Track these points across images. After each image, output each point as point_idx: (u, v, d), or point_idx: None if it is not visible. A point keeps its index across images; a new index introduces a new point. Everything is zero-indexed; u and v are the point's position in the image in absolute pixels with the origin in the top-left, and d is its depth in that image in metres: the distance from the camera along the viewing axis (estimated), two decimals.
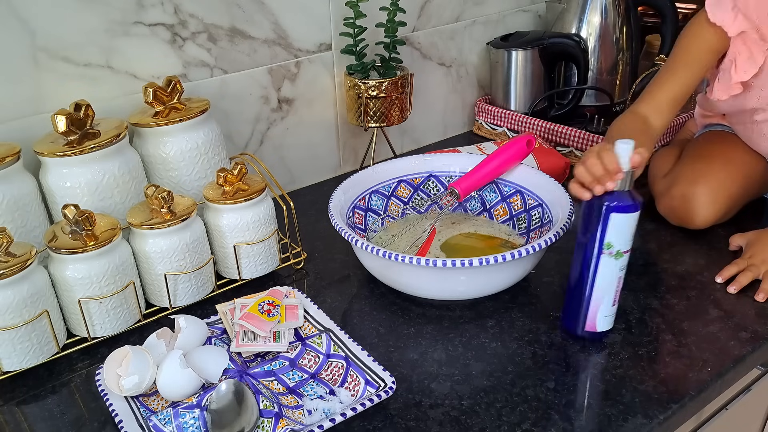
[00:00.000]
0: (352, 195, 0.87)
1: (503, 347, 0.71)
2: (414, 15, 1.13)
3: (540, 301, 0.78)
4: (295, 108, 1.05)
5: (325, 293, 0.82)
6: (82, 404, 0.66)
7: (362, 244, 0.73)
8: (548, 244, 0.73)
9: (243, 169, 0.80)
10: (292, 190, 1.09)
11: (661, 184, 0.93)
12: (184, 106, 0.83)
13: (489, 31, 1.27)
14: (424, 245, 0.84)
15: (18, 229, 0.73)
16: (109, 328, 0.74)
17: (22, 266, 0.66)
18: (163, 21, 0.87)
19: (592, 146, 0.71)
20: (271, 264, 0.84)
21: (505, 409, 0.63)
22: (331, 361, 0.67)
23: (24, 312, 0.67)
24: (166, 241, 0.75)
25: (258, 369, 0.66)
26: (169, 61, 0.89)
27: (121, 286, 0.73)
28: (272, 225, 0.83)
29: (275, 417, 0.59)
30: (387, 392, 0.62)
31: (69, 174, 0.74)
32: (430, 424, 0.61)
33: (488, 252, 0.82)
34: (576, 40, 1.17)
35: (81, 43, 0.81)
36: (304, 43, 1.01)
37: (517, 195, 0.89)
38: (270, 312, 0.71)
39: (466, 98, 1.30)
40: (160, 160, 0.82)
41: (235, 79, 0.96)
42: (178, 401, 0.62)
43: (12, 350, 0.68)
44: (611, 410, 0.62)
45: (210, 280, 0.81)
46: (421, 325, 0.75)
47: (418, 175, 0.94)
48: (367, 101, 1.02)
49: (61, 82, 0.81)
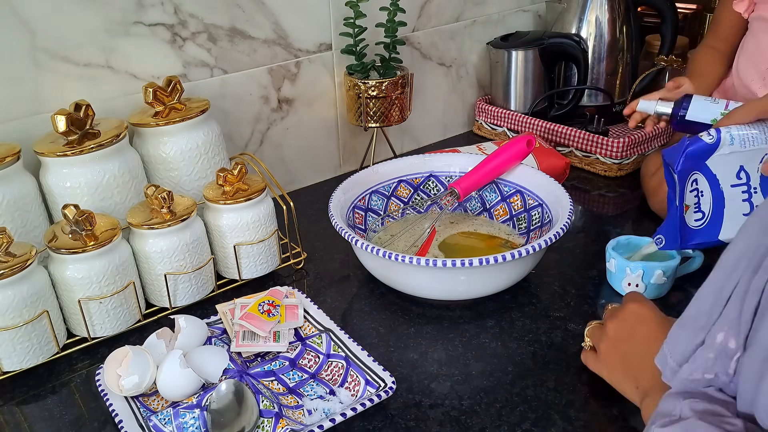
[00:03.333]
0: (352, 195, 0.87)
1: (503, 347, 0.71)
2: (414, 15, 1.13)
3: (540, 301, 0.78)
4: (295, 108, 1.05)
5: (325, 293, 0.82)
6: (82, 404, 0.66)
7: (362, 244, 0.73)
8: (548, 244, 0.73)
9: (243, 169, 0.80)
10: (292, 190, 1.09)
11: (652, 181, 0.94)
12: (184, 106, 0.83)
13: (489, 31, 1.27)
14: (424, 245, 0.84)
15: (18, 229, 0.73)
16: (109, 328, 0.74)
17: (22, 266, 0.66)
18: (163, 21, 0.87)
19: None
20: (271, 264, 0.84)
21: (505, 409, 0.63)
22: (331, 361, 0.67)
23: (24, 312, 0.67)
24: (166, 241, 0.75)
25: (258, 369, 0.66)
26: (169, 61, 0.89)
27: (121, 286, 0.73)
28: (272, 225, 0.83)
29: (275, 417, 0.59)
30: (387, 392, 0.62)
31: (69, 174, 0.74)
32: (430, 424, 0.61)
33: (488, 252, 0.82)
34: (576, 40, 1.17)
35: (81, 43, 0.81)
36: (304, 43, 1.01)
37: (517, 195, 0.89)
38: (270, 312, 0.71)
39: (466, 98, 1.30)
40: (160, 160, 0.82)
41: (235, 79, 0.96)
42: (178, 401, 0.62)
43: (12, 350, 0.68)
44: (611, 410, 0.62)
45: (210, 280, 0.81)
46: (421, 325, 0.75)
47: (418, 175, 0.94)
48: (367, 101, 1.02)
49: (61, 82, 0.81)
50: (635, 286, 0.76)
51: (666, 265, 0.75)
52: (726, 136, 0.70)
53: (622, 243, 0.81)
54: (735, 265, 0.41)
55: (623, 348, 0.59)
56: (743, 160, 0.71)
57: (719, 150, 0.70)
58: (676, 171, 0.71)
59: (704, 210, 0.73)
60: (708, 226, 0.73)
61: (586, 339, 0.65)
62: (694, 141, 0.71)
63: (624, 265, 0.76)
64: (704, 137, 0.70)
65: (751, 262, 0.40)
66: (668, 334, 0.45)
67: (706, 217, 0.73)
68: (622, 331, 0.60)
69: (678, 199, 0.72)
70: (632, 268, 0.75)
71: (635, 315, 0.60)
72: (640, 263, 0.75)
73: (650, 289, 0.76)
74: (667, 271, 0.75)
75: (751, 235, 0.41)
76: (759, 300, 0.39)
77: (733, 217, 0.73)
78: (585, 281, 0.81)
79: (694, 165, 0.71)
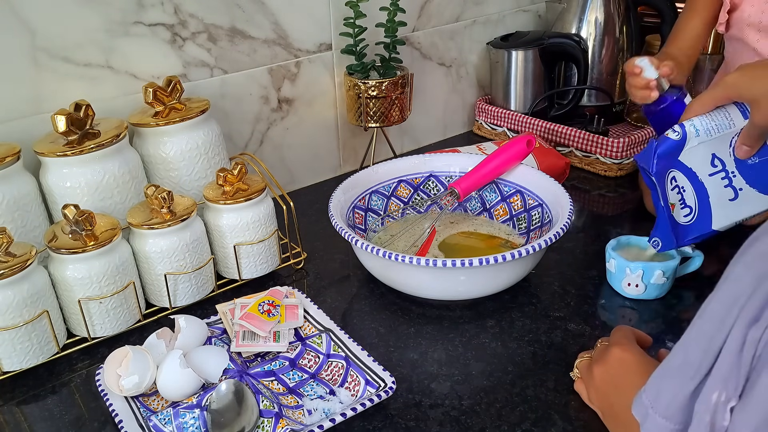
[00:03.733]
0: (352, 195, 0.87)
1: (503, 347, 0.71)
2: (414, 15, 1.13)
3: (540, 301, 0.78)
4: (295, 108, 1.05)
5: (325, 293, 0.82)
6: (82, 404, 0.66)
7: (362, 244, 0.73)
8: (548, 244, 0.73)
9: (243, 169, 0.80)
10: (292, 190, 1.09)
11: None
12: (184, 106, 0.83)
13: (489, 31, 1.27)
14: (424, 245, 0.84)
15: (18, 229, 0.73)
16: (109, 328, 0.74)
17: (22, 266, 0.66)
18: (163, 21, 0.87)
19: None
20: (271, 264, 0.84)
21: (505, 409, 0.63)
22: (331, 361, 0.67)
23: (24, 312, 0.67)
24: (166, 241, 0.75)
25: (258, 369, 0.66)
26: (169, 61, 0.89)
27: (121, 286, 0.73)
28: (272, 225, 0.83)
29: (275, 417, 0.59)
30: (387, 392, 0.62)
31: (69, 174, 0.74)
32: (430, 424, 0.61)
33: (488, 252, 0.82)
34: (576, 40, 1.17)
35: (81, 43, 0.81)
36: (304, 43, 1.01)
37: (517, 195, 0.89)
38: (270, 312, 0.71)
39: (466, 98, 1.30)
40: (160, 160, 0.82)
41: (235, 79, 0.96)
42: (178, 401, 0.62)
43: (12, 350, 0.68)
44: None
45: (210, 280, 0.81)
46: (421, 325, 0.75)
47: (418, 175, 0.94)
48: (367, 101, 1.02)
49: (61, 82, 0.81)
50: (635, 287, 0.76)
51: (666, 265, 0.75)
52: (691, 130, 0.71)
53: (622, 243, 0.81)
54: (725, 315, 0.38)
55: (611, 398, 0.58)
56: (713, 148, 0.72)
57: (688, 144, 0.71)
58: (652, 173, 0.72)
59: (690, 204, 0.73)
60: (698, 219, 0.74)
61: (575, 370, 0.64)
62: (662, 141, 0.72)
63: (624, 266, 0.76)
64: (670, 135, 0.71)
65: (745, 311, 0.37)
66: (648, 383, 0.43)
67: (694, 211, 0.73)
68: (607, 380, 0.59)
69: (662, 200, 0.73)
70: (632, 269, 0.75)
71: (619, 362, 0.58)
72: (640, 263, 0.75)
73: (650, 289, 0.76)
74: (666, 272, 0.75)
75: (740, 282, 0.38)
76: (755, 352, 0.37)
77: (720, 205, 0.73)
78: (585, 281, 0.81)
79: (668, 164, 0.72)
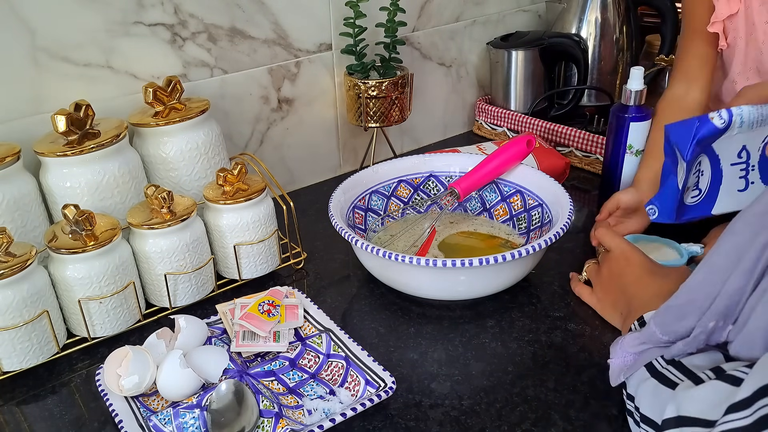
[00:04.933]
0: (352, 195, 0.87)
1: (503, 347, 0.71)
2: (414, 15, 1.13)
3: (540, 301, 0.78)
4: (295, 108, 1.05)
5: (325, 293, 0.82)
6: (82, 404, 0.66)
7: (362, 244, 0.73)
8: (548, 244, 0.73)
9: (243, 169, 0.80)
10: (292, 190, 1.09)
11: None
12: (184, 106, 0.83)
13: (489, 31, 1.27)
14: (424, 245, 0.84)
15: (18, 229, 0.73)
16: (109, 328, 0.74)
17: (22, 266, 0.66)
18: (163, 21, 0.87)
19: None
20: (271, 264, 0.84)
21: (505, 409, 0.63)
22: (331, 361, 0.67)
23: (24, 312, 0.67)
24: (166, 241, 0.75)
25: (258, 369, 0.66)
26: (169, 61, 0.89)
27: (121, 286, 0.73)
28: (272, 225, 0.83)
29: (275, 417, 0.59)
30: (387, 392, 0.62)
31: (69, 174, 0.74)
32: (430, 424, 0.61)
33: (488, 252, 0.82)
34: (576, 40, 1.17)
35: (81, 43, 0.81)
36: (304, 43, 1.01)
37: (517, 195, 0.89)
38: (270, 312, 0.71)
39: (466, 98, 1.30)
40: (160, 160, 0.82)
41: (235, 79, 0.96)
42: (178, 401, 0.62)
43: (12, 350, 0.68)
44: (611, 410, 0.62)
45: (210, 280, 0.81)
46: (421, 325, 0.75)
47: (418, 175, 0.94)
48: (367, 101, 1.02)
49: (61, 82, 0.81)
50: None
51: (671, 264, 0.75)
52: (737, 119, 0.66)
53: None
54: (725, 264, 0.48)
55: (613, 286, 0.72)
56: (746, 140, 0.69)
57: (728, 132, 0.67)
58: (686, 159, 0.68)
59: (701, 187, 0.71)
60: (703, 201, 0.72)
61: (584, 273, 0.78)
62: (704, 124, 0.66)
63: None
64: (715, 120, 0.66)
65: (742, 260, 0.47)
66: (656, 314, 0.54)
67: (702, 193, 0.72)
68: (615, 271, 0.72)
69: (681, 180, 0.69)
70: None
71: (624, 258, 0.72)
72: None
73: None
74: None
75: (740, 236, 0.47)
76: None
77: (728, 193, 0.72)
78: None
79: (702, 149, 0.68)
